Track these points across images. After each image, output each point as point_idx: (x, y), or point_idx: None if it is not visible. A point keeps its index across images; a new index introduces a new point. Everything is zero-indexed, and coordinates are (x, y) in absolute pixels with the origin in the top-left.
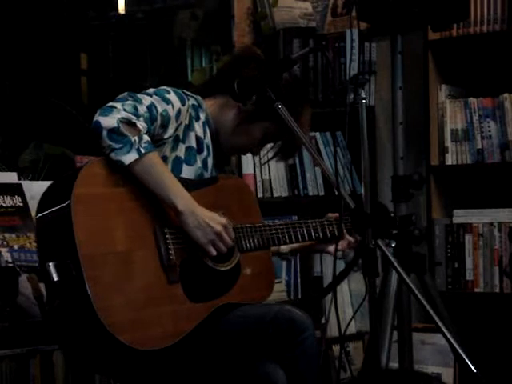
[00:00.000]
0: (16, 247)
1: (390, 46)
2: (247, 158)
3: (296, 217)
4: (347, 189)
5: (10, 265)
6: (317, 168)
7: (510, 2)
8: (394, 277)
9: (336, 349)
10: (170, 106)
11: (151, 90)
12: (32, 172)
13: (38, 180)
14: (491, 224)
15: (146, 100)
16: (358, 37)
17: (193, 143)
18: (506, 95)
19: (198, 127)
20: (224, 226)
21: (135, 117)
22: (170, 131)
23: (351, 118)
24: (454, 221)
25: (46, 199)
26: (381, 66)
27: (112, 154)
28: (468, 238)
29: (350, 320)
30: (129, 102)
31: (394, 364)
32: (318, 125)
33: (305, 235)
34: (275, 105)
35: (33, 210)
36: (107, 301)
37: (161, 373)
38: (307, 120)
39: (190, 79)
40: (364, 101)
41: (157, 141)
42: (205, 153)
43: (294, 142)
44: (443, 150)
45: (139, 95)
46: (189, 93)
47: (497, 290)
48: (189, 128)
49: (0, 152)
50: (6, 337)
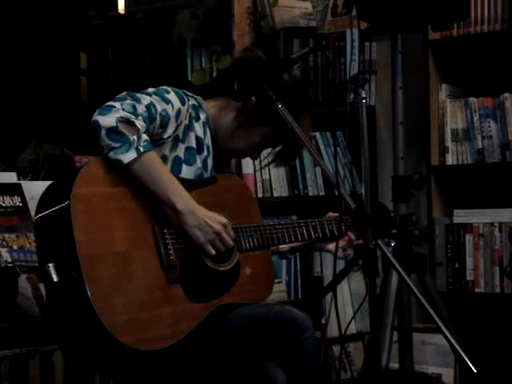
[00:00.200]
0: (15, 247)
1: (391, 46)
2: (247, 158)
3: (296, 217)
4: (347, 189)
5: (10, 265)
6: (317, 168)
7: (511, 2)
8: (395, 277)
9: (336, 349)
10: (170, 106)
11: (151, 90)
12: (31, 172)
13: (38, 180)
14: (492, 224)
15: (145, 99)
16: (358, 36)
17: (192, 143)
18: (507, 95)
19: (198, 127)
20: (224, 226)
21: (134, 116)
22: (170, 131)
23: (351, 118)
24: (455, 221)
25: (45, 199)
26: (381, 66)
27: (111, 154)
28: (468, 238)
29: (351, 320)
30: (128, 102)
31: (395, 364)
32: (318, 125)
33: (304, 235)
34: (275, 104)
35: (32, 210)
36: (107, 301)
37: (161, 373)
38: (307, 122)
39: (190, 79)
40: (364, 100)
41: (156, 140)
42: (205, 153)
43: (294, 148)
44: (444, 150)
45: (138, 95)
46: (189, 93)
47: (497, 291)
48: (189, 128)
49: None
50: (6, 337)
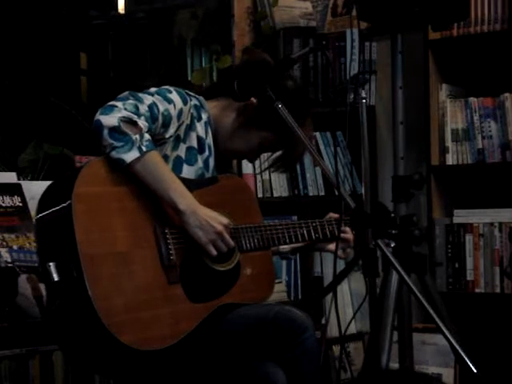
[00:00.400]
0: (15, 247)
1: (391, 46)
2: None
3: (296, 217)
4: (347, 189)
5: (10, 265)
6: (317, 168)
7: (511, 2)
8: (395, 277)
9: (336, 349)
10: (172, 106)
11: (153, 90)
12: (31, 172)
13: (38, 180)
14: (492, 224)
15: (148, 99)
16: (358, 36)
17: (194, 143)
18: (507, 95)
19: (200, 127)
20: (225, 226)
21: (136, 116)
22: (171, 131)
23: (351, 118)
24: (455, 221)
25: (46, 199)
26: (381, 66)
27: (113, 153)
28: (468, 238)
29: (351, 320)
30: (130, 101)
31: (395, 364)
32: (318, 125)
33: (305, 235)
34: (275, 104)
35: (32, 210)
36: (107, 301)
37: (161, 373)
38: (309, 124)
39: (190, 79)
40: (364, 100)
41: (158, 140)
42: (206, 153)
43: (294, 154)
44: (444, 150)
45: (140, 94)
46: (191, 93)
47: (497, 291)
48: (190, 128)
49: None
50: (6, 337)
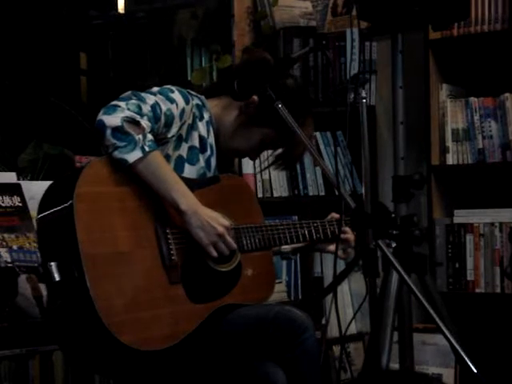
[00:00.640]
0: (15, 247)
1: (391, 46)
2: (248, 158)
3: (296, 217)
4: (348, 189)
5: (10, 265)
6: (317, 168)
7: (511, 2)
8: (395, 277)
9: (336, 349)
10: (174, 105)
11: (155, 89)
12: (31, 172)
13: (38, 180)
14: (492, 224)
15: (150, 99)
16: (359, 36)
17: (196, 143)
18: (507, 95)
19: (202, 127)
20: (227, 228)
21: (139, 116)
22: (174, 130)
23: (352, 118)
24: (455, 221)
25: (48, 198)
26: (381, 66)
27: (115, 153)
28: (469, 238)
29: (351, 320)
30: (133, 101)
31: (395, 365)
32: (319, 125)
33: (306, 235)
34: (275, 104)
35: (32, 210)
36: (108, 301)
37: (161, 373)
38: (309, 123)
39: (190, 79)
40: (364, 100)
41: (160, 140)
42: (208, 152)
43: (295, 152)
44: (444, 150)
45: (143, 94)
46: (193, 92)
47: (498, 291)
48: (192, 127)
49: None
50: (5, 337)
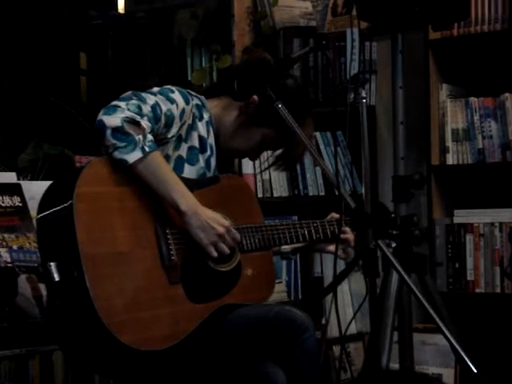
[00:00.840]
0: (15, 247)
1: (391, 46)
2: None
3: (296, 217)
4: (348, 189)
5: (9, 265)
6: (317, 168)
7: (511, 2)
8: (395, 277)
9: (336, 349)
10: (174, 106)
11: (155, 89)
12: (31, 172)
13: (37, 180)
14: (492, 224)
15: (151, 99)
16: (359, 36)
17: (195, 143)
18: (507, 95)
19: (202, 127)
20: (227, 228)
21: (139, 116)
22: (174, 130)
23: (352, 118)
24: (455, 221)
25: (48, 198)
26: (381, 66)
27: (115, 153)
28: (469, 238)
29: (351, 320)
30: (133, 102)
31: (395, 365)
32: (319, 125)
33: (306, 235)
34: (275, 104)
35: (32, 210)
36: (108, 301)
37: (161, 373)
38: (309, 123)
39: (190, 79)
40: (364, 100)
41: (160, 140)
42: (208, 152)
43: (295, 153)
44: (444, 150)
45: (143, 94)
46: (193, 93)
47: (498, 291)
48: (192, 128)
49: None
50: (5, 337)
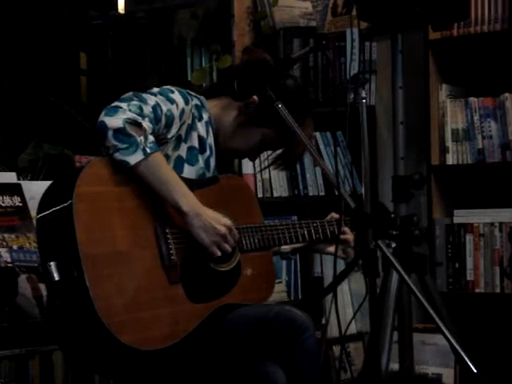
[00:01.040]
0: (15, 247)
1: (391, 46)
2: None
3: (296, 217)
4: (348, 189)
5: (10, 265)
6: (317, 168)
7: (511, 2)
8: (395, 277)
9: (336, 349)
10: (174, 106)
11: (155, 90)
12: (31, 172)
13: (38, 180)
14: (492, 224)
15: (151, 100)
16: (359, 36)
17: (195, 143)
18: (507, 95)
19: (201, 127)
20: (228, 228)
21: (140, 117)
22: (174, 131)
23: (351, 118)
24: (455, 221)
25: (47, 198)
26: (381, 66)
27: (117, 154)
28: (469, 238)
29: (351, 320)
30: (134, 103)
31: (395, 365)
32: (318, 125)
33: (305, 236)
34: (275, 104)
35: (32, 210)
36: (108, 300)
37: (161, 373)
38: (309, 124)
39: (190, 79)
40: (364, 100)
41: (160, 140)
42: (207, 153)
43: (295, 152)
44: (444, 150)
45: (144, 95)
46: (192, 93)
47: (497, 291)
48: (191, 128)
49: None
50: (5, 337)
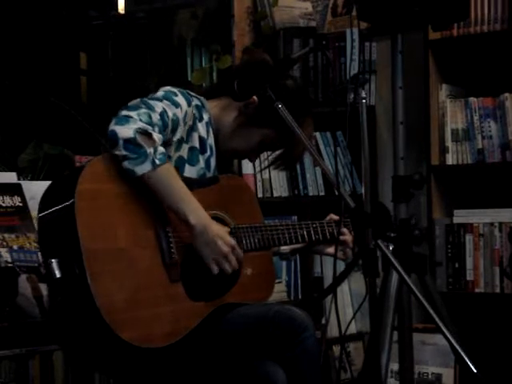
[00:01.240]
0: (15, 247)
1: (391, 46)
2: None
3: (296, 217)
4: (347, 189)
5: (10, 265)
6: (317, 168)
7: (511, 2)
8: (395, 277)
9: (336, 349)
10: (179, 110)
11: (160, 94)
12: (31, 172)
13: (38, 180)
14: (492, 224)
15: (158, 107)
16: (358, 36)
17: (196, 144)
18: (507, 95)
19: (202, 127)
20: (232, 247)
21: (151, 127)
22: (178, 134)
23: (351, 118)
24: (455, 221)
25: (49, 195)
26: (381, 66)
27: (125, 163)
28: (468, 238)
29: (351, 320)
30: (143, 111)
31: (395, 365)
32: (318, 125)
33: (305, 236)
34: (275, 104)
35: (32, 210)
36: (109, 298)
37: (161, 372)
38: (309, 124)
39: (190, 79)
40: (364, 100)
41: (165, 143)
42: (208, 153)
43: (295, 153)
44: (444, 150)
45: (151, 102)
46: (192, 93)
47: (497, 291)
48: (192, 128)
49: None
50: (6, 337)
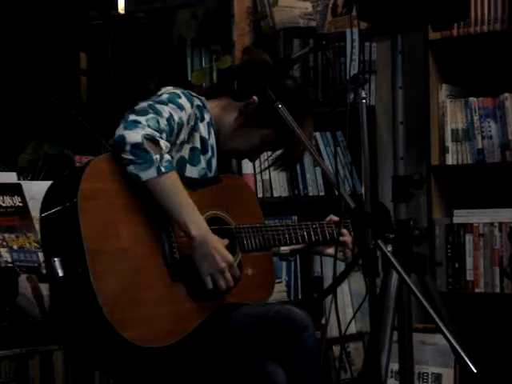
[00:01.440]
0: (15, 247)
1: (391, 46)
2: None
3: (296, 217)
4: (347, 189)
5: (10, 265)
6: (317, 168)
7: (511, 2)
8: (395, 277)
9: (336, 349)
10: (184, 113)
11: (165, 97)
12: (31, 172)
13: (38, 180)
14: (492, 224)
15: (165, 111)
16: (358, 36)
17: (197, 144)
18: (507, 95)
19: (203, 128)
20: (229, 264)
21: (159, 133)
22: (182, 136)
23: (351, 118)
24: (455, 221)
25: (51, 196)
26: (381, 66)
27: (130, 167)
28: (468, 238)
29: (351, 320)
30: (151, 116)
31: (395, 364)
32: (318, 125)
33: (305, 237)
34: (275, 104)
35: (32, 210)
36: (111, 297)
37: (162, 371)
38: (309, 124)
39: (190, 79)
40: (364, 100)
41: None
42: (209, 153)
43: (295, 153)
44: (444, 150)
45: (158, 106)
46: (193, 93)
47: (497, 291)
48: (194, 129)
49: None
50: (6, 337)
